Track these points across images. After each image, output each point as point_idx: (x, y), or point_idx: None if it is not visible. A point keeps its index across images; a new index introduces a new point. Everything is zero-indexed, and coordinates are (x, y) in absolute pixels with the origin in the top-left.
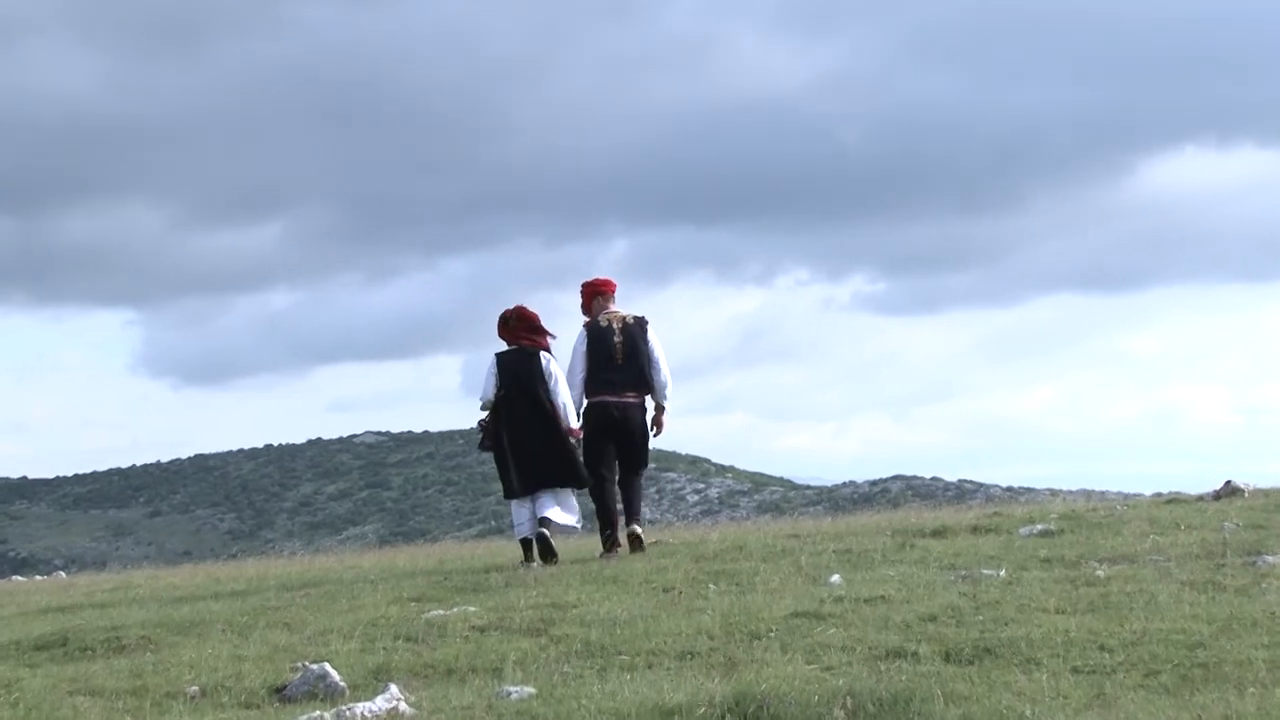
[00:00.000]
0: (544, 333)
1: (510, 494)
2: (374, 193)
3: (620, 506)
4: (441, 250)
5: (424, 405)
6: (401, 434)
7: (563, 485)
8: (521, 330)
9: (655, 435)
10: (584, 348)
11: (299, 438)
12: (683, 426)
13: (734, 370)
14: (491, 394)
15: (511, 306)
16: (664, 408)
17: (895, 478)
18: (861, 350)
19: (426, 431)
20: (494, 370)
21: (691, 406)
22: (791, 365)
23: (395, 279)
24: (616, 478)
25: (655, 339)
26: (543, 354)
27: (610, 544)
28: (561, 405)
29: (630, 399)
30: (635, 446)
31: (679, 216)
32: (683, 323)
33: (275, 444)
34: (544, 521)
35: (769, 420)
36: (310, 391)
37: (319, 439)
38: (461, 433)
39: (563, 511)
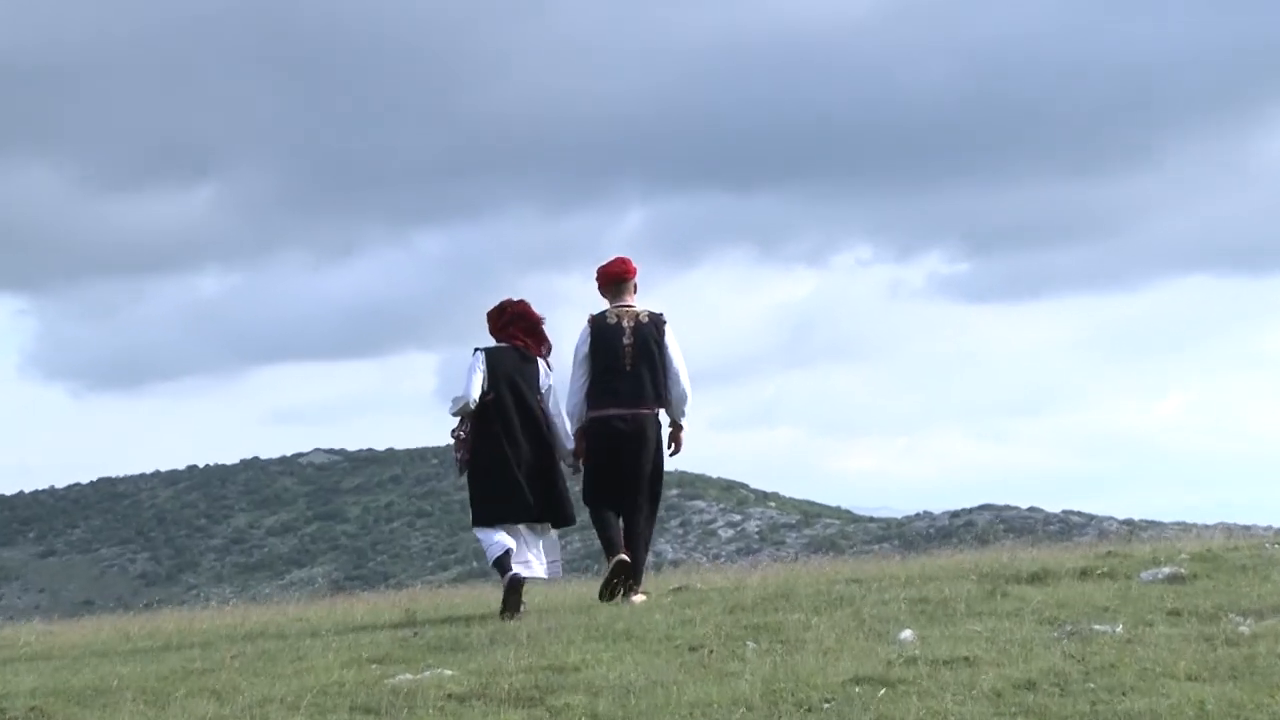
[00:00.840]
0: (544, 340)
1: (480, 520)
2: (329, 150)
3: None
4: (413, 221)
5: (389, 416)
6: (360, 452)
7: (546, 521)
8: (518, 330)
9: (672, 454)
10: (586, 349)
11: (231, 457)
12: (713, 443)
13: (779, 373)
14: (475, 395)
15: (515, 298)
16: (682, 425)
17: (982, 508)
18: (939, 347)
19: (392, 449)
20: (481, 365)
21: (725, 418)
22: (851, 366)
23: (354, 258)
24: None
25: (673, 342)
26: (542, 362)
27: (613, 554)
28: (560, 426)
29: (642, 411)
30: (644, 472)
31: (710, 180)
32: (714, 314)
33: (201, 465)
34: (514, 578)
35: (822, 435)
36: (246, 399)
37: (256, 459)
38: (436, 451)
39: (540, 556)
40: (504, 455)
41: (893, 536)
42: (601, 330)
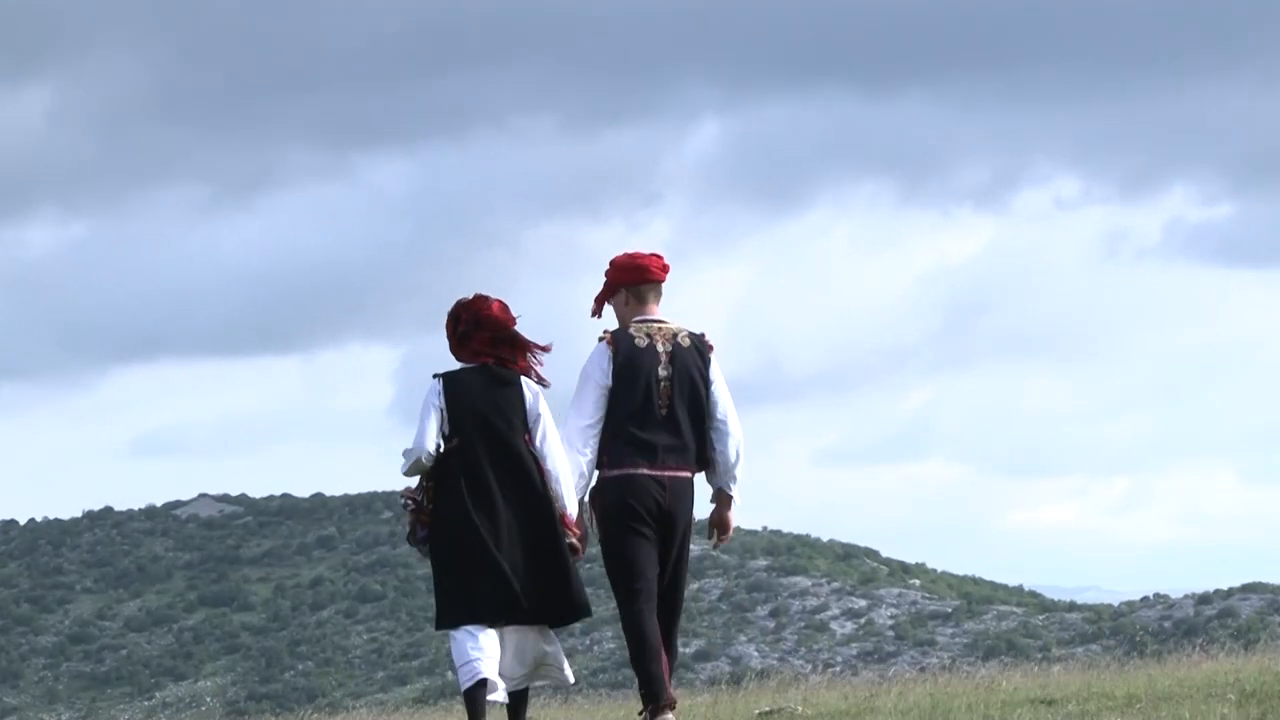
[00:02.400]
0: (528, 346)
1: (452, 620)
2: (228, 29)
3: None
4: (358, 139)
5: (319, 445)
6: (270, 501)
7: (547, 620)
8: (482, 343)
9: (715, 545)
10: (604, 378)
11: (70, 508)
12: (823, 487)
13: (929, 377)
14: (430, 445)
15: (468, 296)
16: (731, 496)
17: (1248, 589)
18: (1184, 337)
19: (321, 496)
20: (438, 401)
21: (841, 448)
22: (1042, 367)
23: (267, 196)
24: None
25: (720, 376)
26: (525, 380)
27: (658, 700)
28: (560, 469)
29: (683, 474)
30: (687, 562)
31: (824, 76)
32: (828, 284)
33: (23, 521)
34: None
35: (996, 474)
36: (95, 418)
37: (109, 510)
38: (389, 498)
39: (538, 660)
40: (474, 527)
41: (1106, 633)
42: (629, 355)
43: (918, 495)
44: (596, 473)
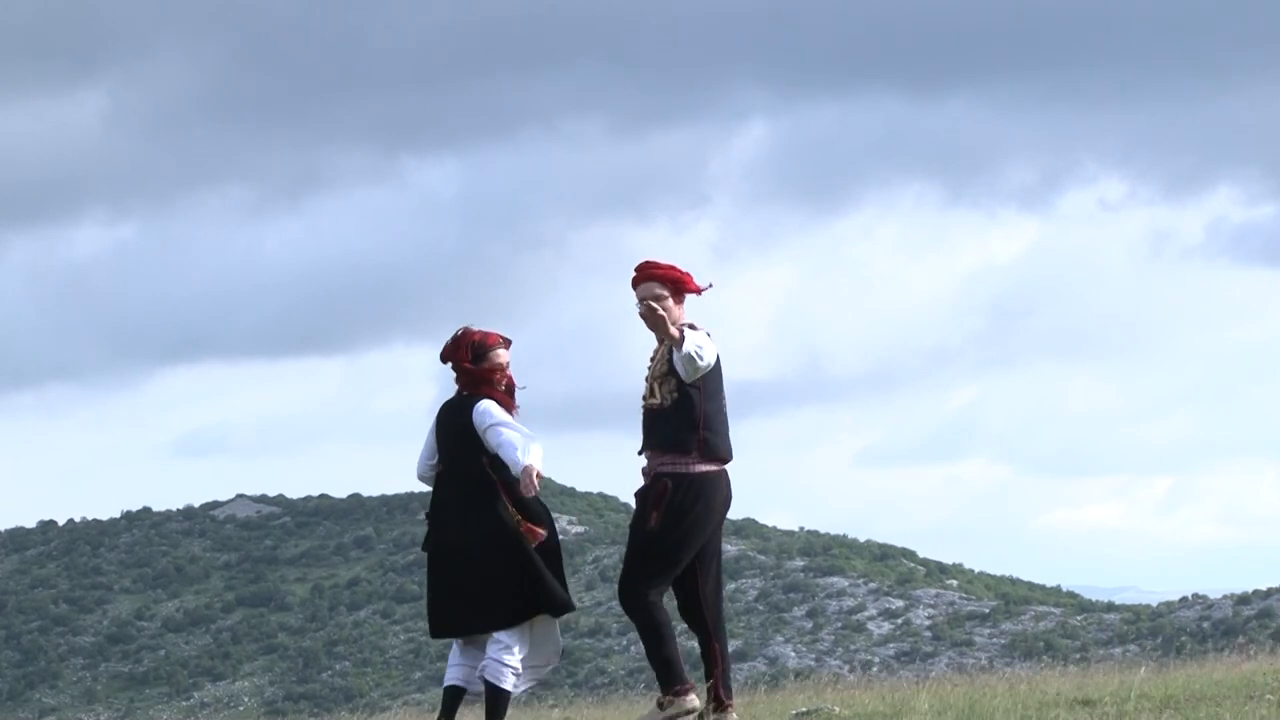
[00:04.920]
0: (493, 371)
1: (447, 629)
2: (279, 33)
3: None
4: (409, 142)
5: (357, 446)
6: (308, 501)
7: (494, 627)
8: (458, 376)
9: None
10: (719, 369)
11: (109, 509)
12: (861, 487)
13: (972, 377)
14: (419, 469)
15: (459, 329)
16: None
17: None
18: (1230, 335)
19: (358, 495)
20: (432, 430)
21: (880, 449)
22: (1085, 366)
23: (314, 199)
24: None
25: None
26: (481, 403)
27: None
28: (504, 458)
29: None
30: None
31: (871, 79)
32: (872, 284)
33: (62, 522)
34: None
35: (1036, 474)
36: (136, 419)
37: (148, 511)
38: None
39: (520, 654)
40: (436, 545)
41: (1144, 634)
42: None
43: (958, 496)
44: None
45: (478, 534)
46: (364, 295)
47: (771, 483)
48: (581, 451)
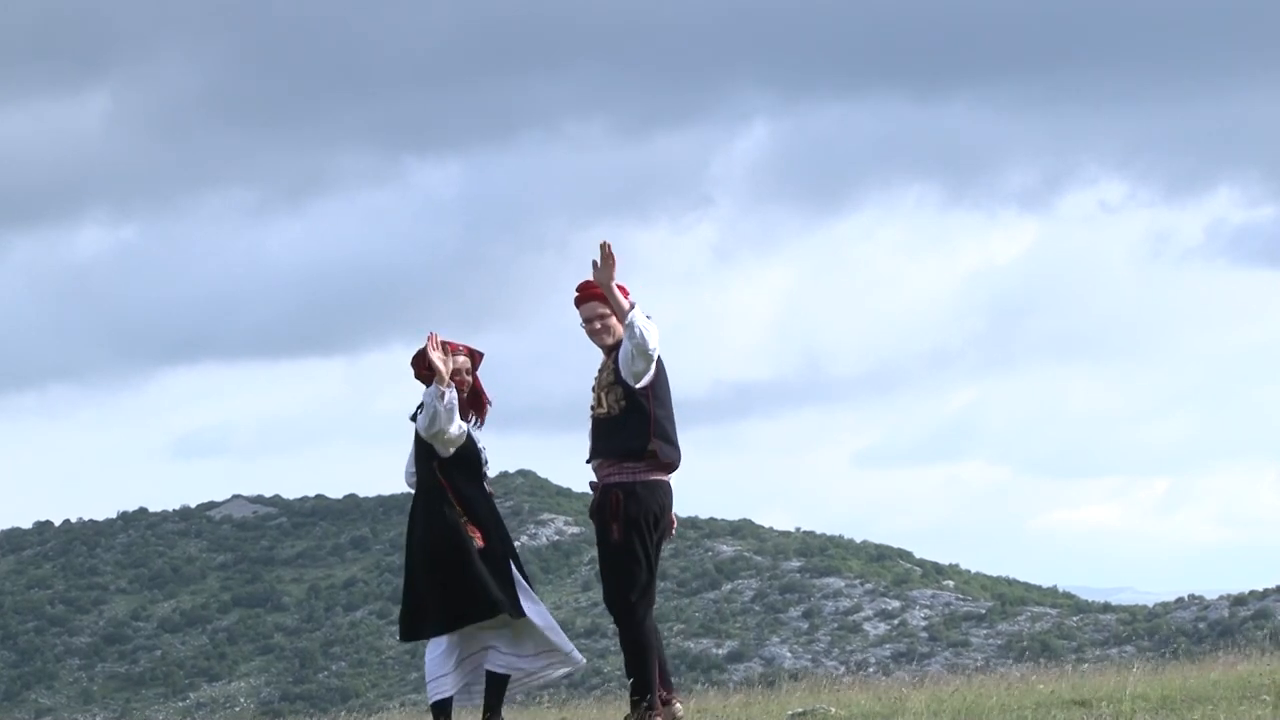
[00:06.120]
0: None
1: (406, 633)
2: (282, 33)
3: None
4: (412, 144)
5: (356, 447)
6: (305, 501)
7: (459, 625)
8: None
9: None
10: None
11: (105, 509)
12: (858, 488)
13: (971, 378)
14: (408, 477)
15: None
16: None
17: None
18: (1229, 338)
19: (354, 496)
20: (413, 440)
21: (878, 450)
22: (1084, 367)
23: (317, 199)
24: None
25: None
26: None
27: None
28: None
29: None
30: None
31: (872, 80)
32: (874, 285)
33: (58, 522)
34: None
35: (1034, 474)
36: (134, 420)
37: (144, 511)
38: None
39: (521, 649)
40: (408, 549)
41: (1141, 634)
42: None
43: (956, 496)
44: (664, 476)
45: (430, 537)
46: (365, 296)
47: (770, 483)
48: (580, 452)
